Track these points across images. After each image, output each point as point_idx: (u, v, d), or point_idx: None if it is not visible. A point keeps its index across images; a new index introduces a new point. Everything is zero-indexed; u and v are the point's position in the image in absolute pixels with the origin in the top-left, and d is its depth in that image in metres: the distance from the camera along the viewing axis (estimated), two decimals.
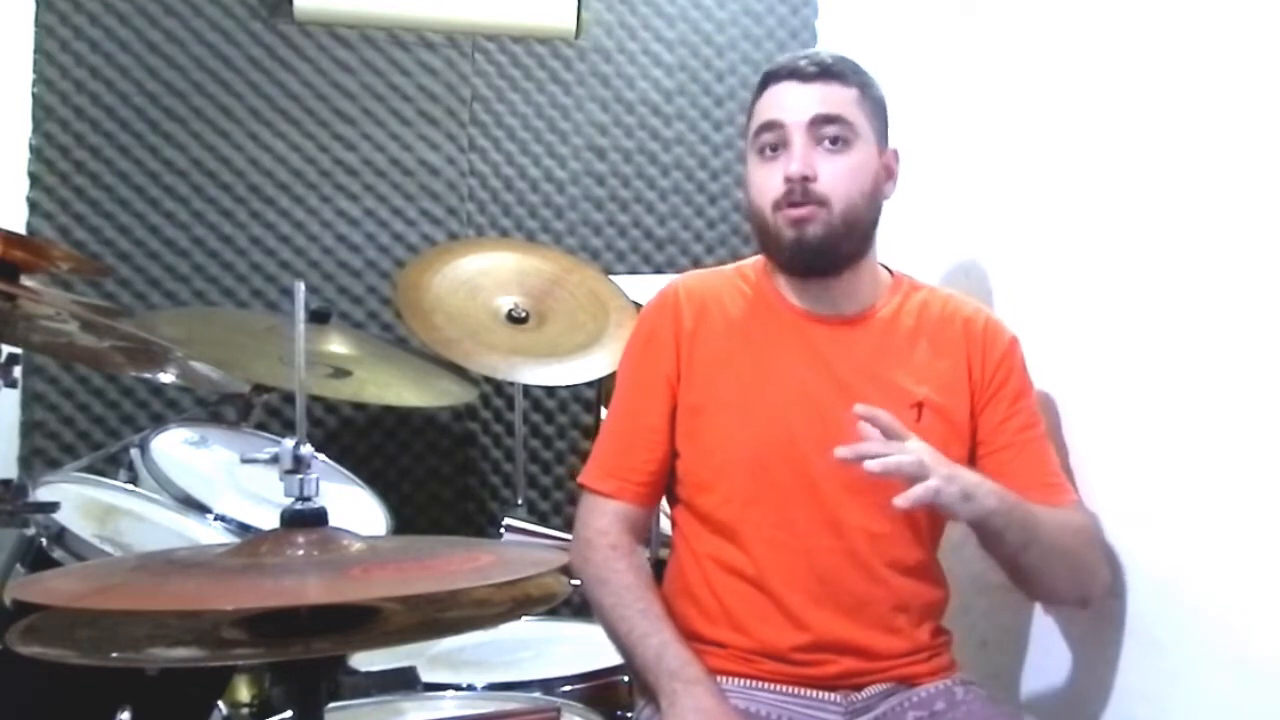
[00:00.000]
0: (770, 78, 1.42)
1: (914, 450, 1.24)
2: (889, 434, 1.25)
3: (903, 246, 1.55)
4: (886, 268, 1.51)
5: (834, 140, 1.38)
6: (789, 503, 1.39)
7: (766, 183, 1.40)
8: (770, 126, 1.40)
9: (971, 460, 1.42)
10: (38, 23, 2.36)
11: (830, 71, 1.39)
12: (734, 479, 1.41)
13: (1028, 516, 1.32)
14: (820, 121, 1.37)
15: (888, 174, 1.44)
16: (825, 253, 1.39)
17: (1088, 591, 1.41)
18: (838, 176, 1.37)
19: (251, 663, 1.52)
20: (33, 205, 2.36)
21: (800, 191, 1.36)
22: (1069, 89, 1.57)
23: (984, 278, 1.76)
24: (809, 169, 1.36)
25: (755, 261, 1.53)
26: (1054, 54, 1.62)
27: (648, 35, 2.60)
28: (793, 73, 1.40)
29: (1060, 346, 1.55)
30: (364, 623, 1.02)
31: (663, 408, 1.45)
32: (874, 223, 1.43)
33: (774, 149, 1.40)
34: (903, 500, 1.20)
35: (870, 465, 1.20)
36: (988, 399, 1.44)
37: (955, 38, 1.94)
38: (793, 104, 1.38)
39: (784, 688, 1.37)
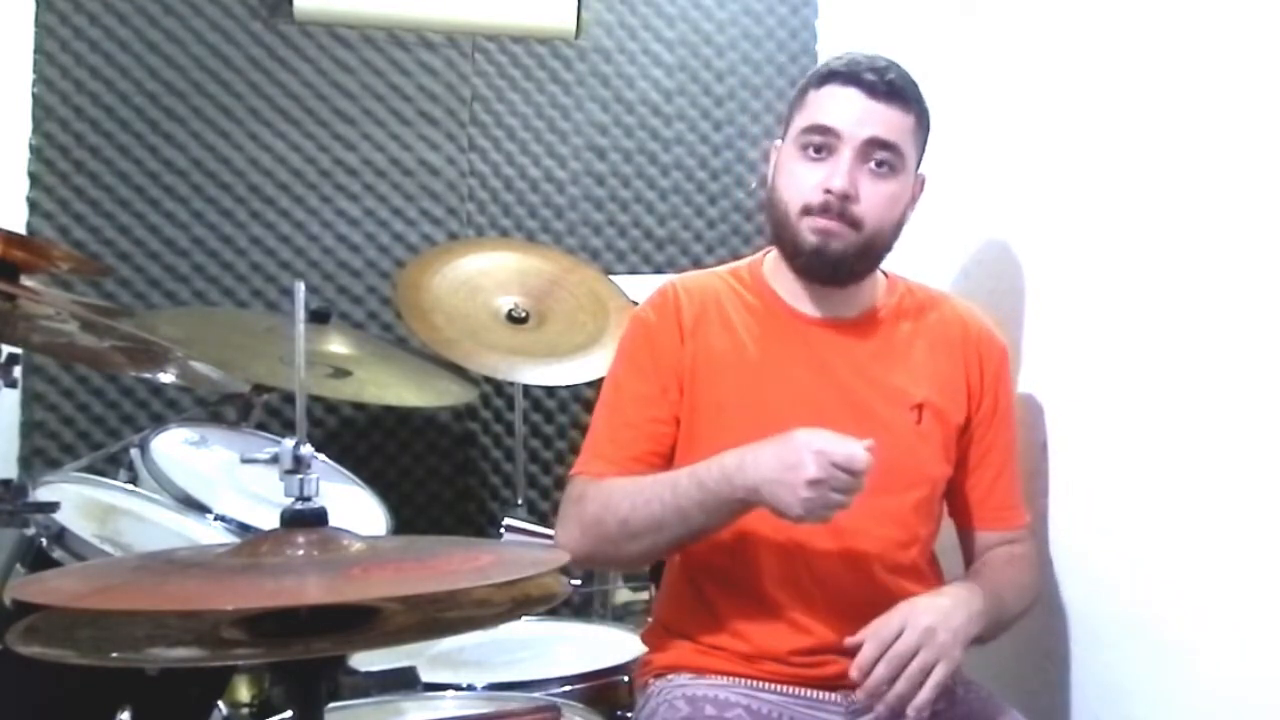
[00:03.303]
0: (833, 77, 1.37)
1: (906, 646, 1.24)
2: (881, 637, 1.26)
3: (902, 248, 1.55)
4: (881, 269, 1.50)
5: (881, 164, 1.36)
6: None
7: (803, 182, 1.38)
8: (823, 130, 1.36)
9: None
10: (38, 23, 2.35)
11: (898, 94, 1.36)
12: None
13: (994, 627, 1.36)
14: (875, 144, 1.35)
15: (912, 198, 1.44)
16: (841, 267, 1.39)
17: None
18: (877, 202, 1.36)
19: (251, 663, 1.52)
20: (33, 205, 2.36)
21: (838, 208, 1.35)
22: (1068, 90, 1.57)
23: (982, 279, 1.76)
24: (853, 188, 1.35)
25: (750, 264, 1.51)
26: (1054, 55, 1.62)
27: (648, 35, 2.60)
28: (859, 81, 1.35)
29: (1056, 349, 1.55)
30: (364, 623, 1.02)
31: (673, 401, 1.41)
32: (891, 247, 1.43)
33: (819, 150, 1.37)
34: (862, 694, 1.25)
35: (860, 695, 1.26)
36: (981, 418, 1.46)
37: (955, 38, 1.94)
38: (853, 116, 1.35)
39: (784, 688, 1.37)
